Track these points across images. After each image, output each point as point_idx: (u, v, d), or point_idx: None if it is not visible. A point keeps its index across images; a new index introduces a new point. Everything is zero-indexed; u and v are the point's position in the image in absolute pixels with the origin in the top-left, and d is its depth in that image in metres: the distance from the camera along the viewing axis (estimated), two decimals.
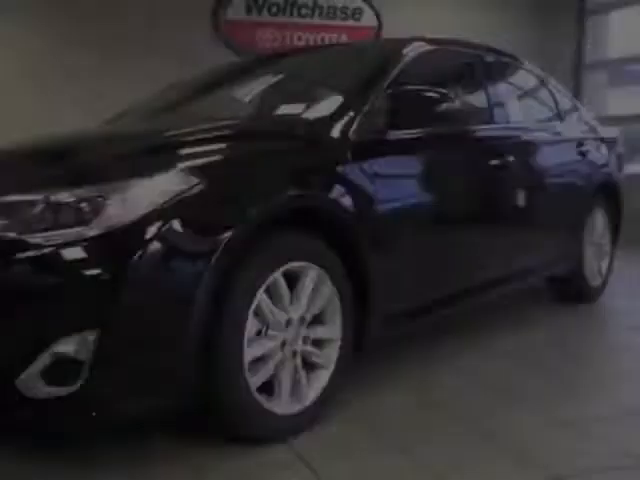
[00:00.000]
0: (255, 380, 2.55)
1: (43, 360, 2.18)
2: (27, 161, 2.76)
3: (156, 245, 2.24)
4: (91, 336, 2.17)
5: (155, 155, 2.58)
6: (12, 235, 2.20)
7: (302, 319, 2.72)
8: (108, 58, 7.63)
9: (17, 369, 2.19)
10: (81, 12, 7.64)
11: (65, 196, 2.24)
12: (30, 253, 2.18)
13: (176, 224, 2.28)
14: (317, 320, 2.82)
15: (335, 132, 2.98)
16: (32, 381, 2.20)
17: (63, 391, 2.21)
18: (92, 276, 2.18)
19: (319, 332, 2.81)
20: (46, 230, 2.20)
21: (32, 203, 2.25)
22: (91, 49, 7.58)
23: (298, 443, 2.66)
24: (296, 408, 2.72)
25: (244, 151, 2.71)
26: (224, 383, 2.44)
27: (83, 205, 2.23)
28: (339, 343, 2.87)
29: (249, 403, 2.52)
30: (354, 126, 3.03)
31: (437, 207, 3.44)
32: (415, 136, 3.34)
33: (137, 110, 4.21)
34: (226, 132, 2.91)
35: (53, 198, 2.24)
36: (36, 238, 2.19)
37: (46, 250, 2.18)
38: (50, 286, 2.20)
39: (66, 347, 2.17)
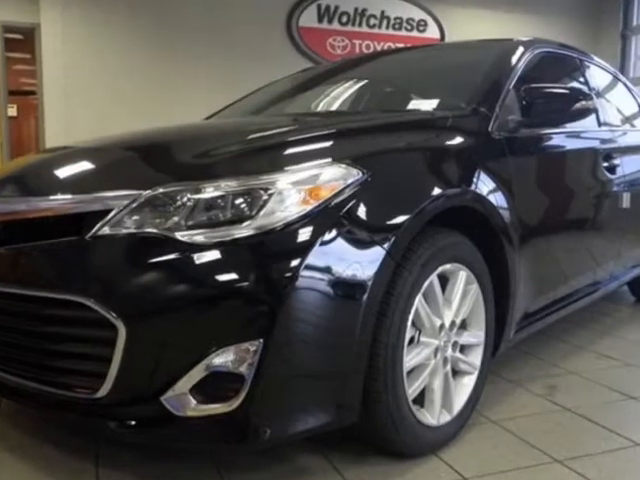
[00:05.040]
0: (412, 391, 2.20)
1: (195, 375, 1.82)
2: (162, 152, 2.36)
3: (323, 246, 1.88)
4: (253, 347, 1.80)
5: (305, 148, 2.20)
6: (162, 233, 1.86)
7: (452, 324, 2.38)
8: (182, 63, 7.70)
9: (163, 385, 1.84)
10: (163, 23, 7.75)
11: (216, 190, 1.90)
12: (182, 253, 1.83)
13: (338, 224, 1.92)
14: (462, 325, 2.47)
15: (475, 128, 2.65)
16: (181, 398, 1.84)
17: (219, 409, 1.84)
18: (254, 279, 1.82)
19: (466, 337, 2.47)
20: (197, 228, 1.86)
21: (181, 197, 1.90)
22: (171, 56, 7.67)
23: (447, 456, 2.33)
24: (446, 418, 2.37)
25: (399, 146, 2.36)
26: (383, 397, 2.08)
27: (238, 201, 1.88)
28: (482, 348, 2.54)
29: (406, 416, 2.16)
30: (492, 123, 2.70)
31: (572, 205, 3.18)
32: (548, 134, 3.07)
33: (239, 107, 3.91)
34: (375, 123, 2.60)
35: (205, 192, 1.90)
36: (187, 237, 1.84)
37: (200, 250, 1.82)
38: (206, 290, 1.83)
39: (223, 359, 1.81)
